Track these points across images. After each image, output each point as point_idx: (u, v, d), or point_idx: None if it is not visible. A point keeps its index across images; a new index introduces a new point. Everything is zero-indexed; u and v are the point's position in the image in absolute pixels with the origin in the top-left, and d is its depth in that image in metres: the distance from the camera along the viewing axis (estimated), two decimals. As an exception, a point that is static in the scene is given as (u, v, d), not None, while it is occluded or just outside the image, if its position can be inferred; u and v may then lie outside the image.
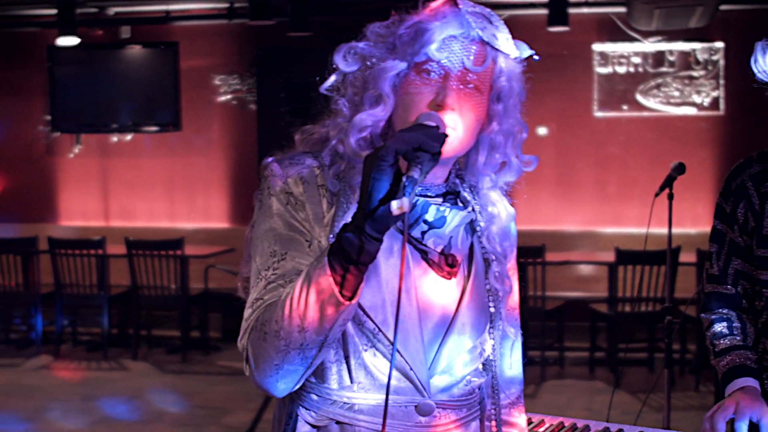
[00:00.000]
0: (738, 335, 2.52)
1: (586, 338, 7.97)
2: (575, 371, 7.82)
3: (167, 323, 8.96)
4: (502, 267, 1.85)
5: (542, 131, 9.04)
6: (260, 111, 7.93)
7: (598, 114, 9.01)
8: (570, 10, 8.17)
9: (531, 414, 2.50)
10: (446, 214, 1.73)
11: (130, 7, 9.57)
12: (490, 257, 1.84)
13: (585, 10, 8.72)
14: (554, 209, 8.98)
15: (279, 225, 1.72)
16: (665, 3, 7.34)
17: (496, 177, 1.82)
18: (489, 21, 1.71)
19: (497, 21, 1.73)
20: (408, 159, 1.45)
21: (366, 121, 1.71)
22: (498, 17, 1.74)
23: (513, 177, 1.83)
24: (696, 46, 8.77)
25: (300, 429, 1.78)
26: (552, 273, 7.99)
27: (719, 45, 8.73)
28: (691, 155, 8.53)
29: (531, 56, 1.79)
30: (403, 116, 1.70)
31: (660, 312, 4.37)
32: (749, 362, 2.46)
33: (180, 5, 9.41)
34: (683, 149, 8.60)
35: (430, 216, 1.71)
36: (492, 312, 1.83)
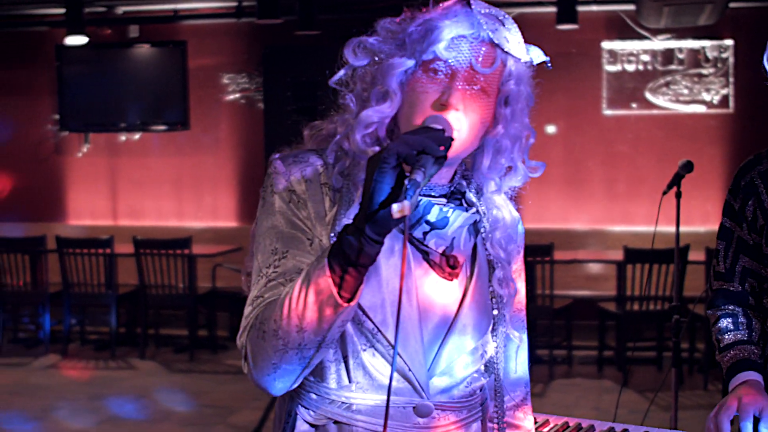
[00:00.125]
0: (743, 330, 2.51)
1: (595, 337, 7.96)
2: (583, 370, 7.80)
3: (175, 322, 8.97)
4: (506, 271, 1.83)
5: (551, 129, 9.01)
6: (267, 109, 7.92)
7: (607, 112, 8.99)
8: (579, 8, 8.15)
9: (536, 414, 2.49)
10: (449, 215, 1.71)
11: (139, 6, 9.57)
12: (494, 261, 1.82)
13: (594, 8, 8.70)
14: (563, 207, 8.95)
15: (281, 223, 1.71)
16: (674, 0, 7.31)
17: (501, 181, 1.79)
18: (501, 23, 1.69)
19: (510, 24, 1.71)
20: (409, 162, 1.44)
21: (372, 118, 1.69)
22: (512, 20, 1.72)
23: (519, 182, 1.80)
24: (705, 44, 8.74)
25: (299, 428, 1.77)
26: (560, 271, 7.97)
27: (729, 42, 8.70)
28: (701, 153, 8.50)
29: (543, 63, 1.76)
30: (408, 114, 1.68)
31: (668, 311, 4.34)
32: (753, 356, 2.44)
33: (188, 4, 9.41)
34: (693, 147, 8.58)
35: (433, 216, 1.70)
36: (495, 315, 1.82)
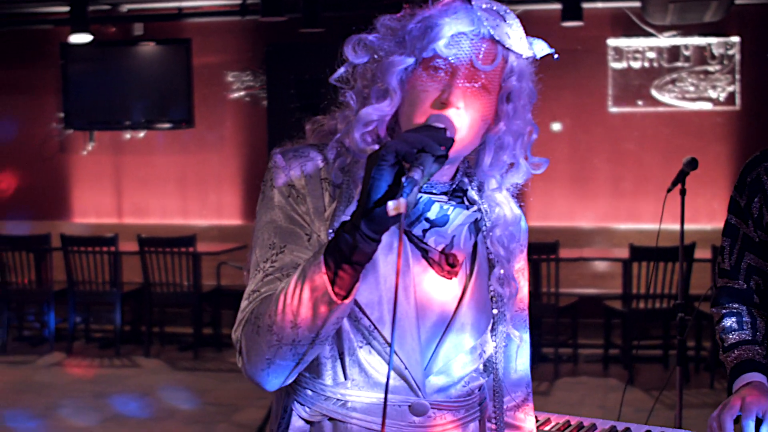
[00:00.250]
0: (747, 330, 2.49)
1: (600, 335, 7.94)
2: (589, 368, 7.77)
3: (180, 320, 8.97)
4: (507, 269, 1.81)
5: (556, 127, 8.99)
6: (270, 107, 7.92)
7: (613, 109, 8.96)
8: (584, 5, 8.14)
9: (538, 412, 2.48)
10: (449, 213, 1.69)
11: (143, 4, 9.58)
12: (495, 259, 1.80)
13: (599, 5, 8.67)
14: (568, 205, 8.93)
15: (279, 217, 1.70)
16: (680, -3, 7.29)
17: (503, 178, 1.78)
18: (503, 18, 1.67)
19: (512, 19, 1.68)
20: (408, 160, 1.43)
21: (372, 116, 1.68)
22: (513, 15, 1.69)
23: (521, 179, 1.79)
24: (711, 41, 8.71)
25: (294, 424, 1.76)
26: (566, 269, 7.96)
27: (735, 39, 8.66)
28: (707, 150, 8.48)
29: (548, 55, 1.74)
30: (409, 112, 1.67)
31: (673, 309, 4.32)
32: (758, 357, 2.43)
33: (192, 2, 9.42)
34: (699, 144, 8.55)
35: (433, 214, 1.68)
36: (495, 314, 1.80)
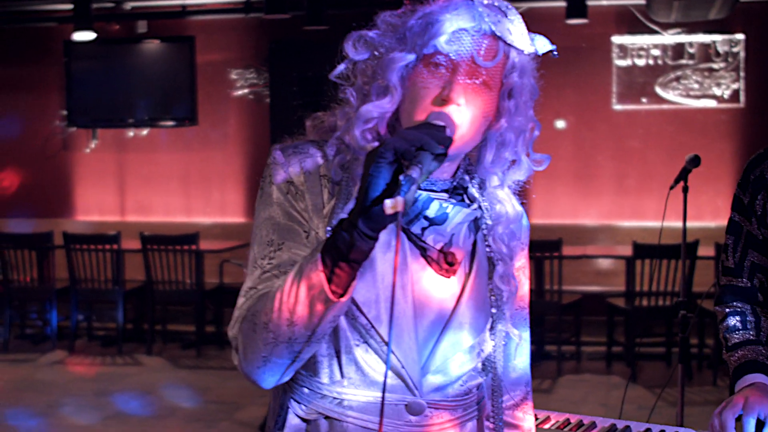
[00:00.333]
0: (751, 330, 2.47)
1: (604, 333, 7.93)
2: (592, 366, 7.76)
3: (182, 318, 8.97)
4: (507, 267, 1.79)
5: (560, 124, 8.97)
6: (273, 104, 7.91)
7: (617, 107, 8.94)
8: (588, 2, 8.11)
9: (538, 410, 2.46)
10: (449, 211, 1.68)
11: (147, 2, 9.57)
12: (495, 257, 1.78)
13: (604, 2, 8.65)
14: (572, 203, 8.90)
15: (278, 214, 1.68)
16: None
17: (504, 175, 1.76)
18: (504, 14, 1.65)
19: (513, 15, 1.66)
20: (406, 158, 1.41)
21: (372, 113, 1.66)
22: (515, 11, 1.67)
23: (522, 176, 1.77)
24: (716, 38, 8.68)
25: (290, 421, 1.75)
26: (569, 267, 7.94)
27: (740, 37, 8.64)
28: (711, 148, 8.45)
29: (550, 52, 1.72)
30: (409, 109, 1.65)
31: (675, 306, 4.30)
32: (761, 358, 2.40)
33: (196, -1, 9.41)
34: (703, 142, 8.53)
35: (432, 212, 1.67)
36: (494, 313, 1.78)
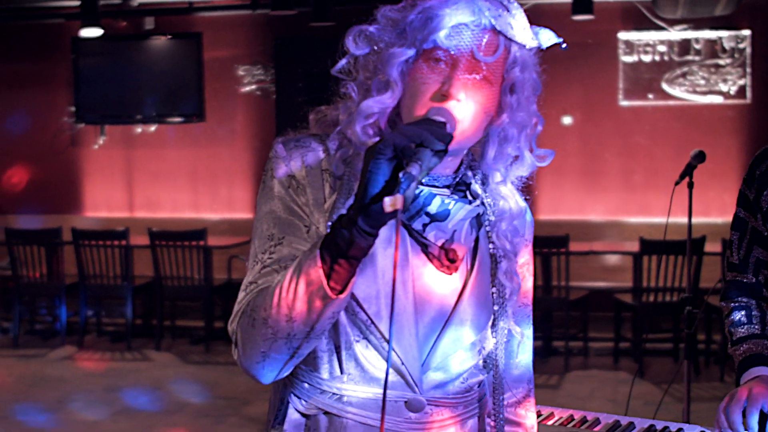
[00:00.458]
0: (756, 324, 2.48)
1: (611, 328, 7.93)
2: (599, 362, 7.76)
3: (191, 314, 8.99)
4: (510, 264, 1.77)
5: (567, 121, 8.97)
6: (278, 101, 7.92)
7: (624, 103, 8.94)
8: (594, -2, 8.10)
9: (542, 406, 2.46)
10: (450, 207, 1.66)
11: (154, -2, 9.59)
12: (498, 254, 1.77)
13: (610, -2, 8.65)
14: (579, 199, 8.91)
15: (279, 208, 1.68)
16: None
17: (507, 171, 1.74)
18: (505, 8, 1.62)
19: (515, 9, 1.64)
20: (407, 155, 1.40)
21: (373, 108, 1.65)
22: (517, 5, 1.65)
23: (525, 172, 1.75)
24: (722, 34, 8.67)
25: (290, 416, 1.75)
26: (576, 263, 7.94)
27: (746, 33, 8.63)
28: (718, 144, 8.46)
29: (557, 44, 1.70)
30: (410, 104, 1.64)
31: (681, 302, 4.31)
32: (766, 351, 2.41)
33: (203, -4, 9.42)
34: (709, 138, 8.52)
35: (433, 208, 1.65)
36: (496, 310, 1.77)
